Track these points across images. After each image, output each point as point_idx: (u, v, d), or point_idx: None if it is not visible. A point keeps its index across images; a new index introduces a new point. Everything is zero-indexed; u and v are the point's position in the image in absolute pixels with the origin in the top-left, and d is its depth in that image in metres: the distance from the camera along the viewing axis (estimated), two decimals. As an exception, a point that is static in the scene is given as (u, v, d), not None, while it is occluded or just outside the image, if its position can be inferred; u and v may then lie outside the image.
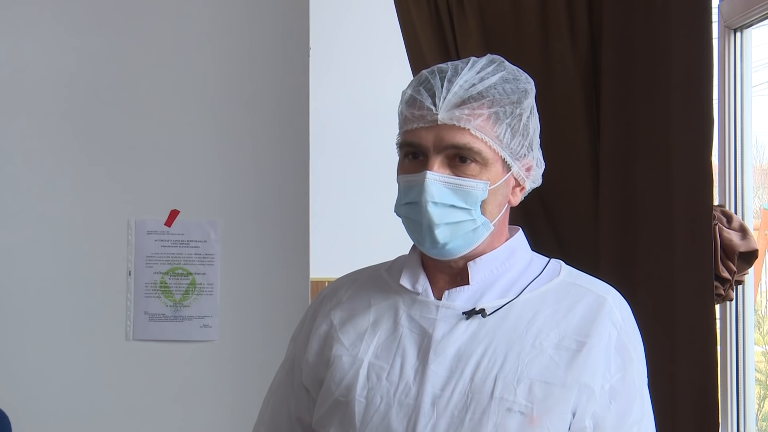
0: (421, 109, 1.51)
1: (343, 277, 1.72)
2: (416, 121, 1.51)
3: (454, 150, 1.49)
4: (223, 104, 2.75)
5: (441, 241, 1.51)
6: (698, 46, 2.19)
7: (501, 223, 1.57)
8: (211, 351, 2.72)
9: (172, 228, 2.72)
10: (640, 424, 1.54)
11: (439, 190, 1.49)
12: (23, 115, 2.71)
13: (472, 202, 1.50)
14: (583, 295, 1.57)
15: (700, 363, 2.18)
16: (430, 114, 1.50)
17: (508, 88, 1.53)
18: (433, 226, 1.50)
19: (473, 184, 1.50)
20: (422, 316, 1.56)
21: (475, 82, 1.51)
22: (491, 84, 1.52)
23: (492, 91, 1.51)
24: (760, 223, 3.33)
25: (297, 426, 1.65)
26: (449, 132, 1.49)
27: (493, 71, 1.54)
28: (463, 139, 1.49)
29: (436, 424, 1.48)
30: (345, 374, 1.55)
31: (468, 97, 1.50)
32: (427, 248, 1.54)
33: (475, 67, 1.54)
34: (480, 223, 1.52)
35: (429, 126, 1.50)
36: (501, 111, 1.51)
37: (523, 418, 1.47)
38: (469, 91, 1.50)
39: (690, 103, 2.19)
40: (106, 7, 2.72)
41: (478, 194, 1.51)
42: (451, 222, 1.50)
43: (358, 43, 4.12)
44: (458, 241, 1.52)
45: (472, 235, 1.53)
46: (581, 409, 1.49)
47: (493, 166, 1.52)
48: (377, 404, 1.51)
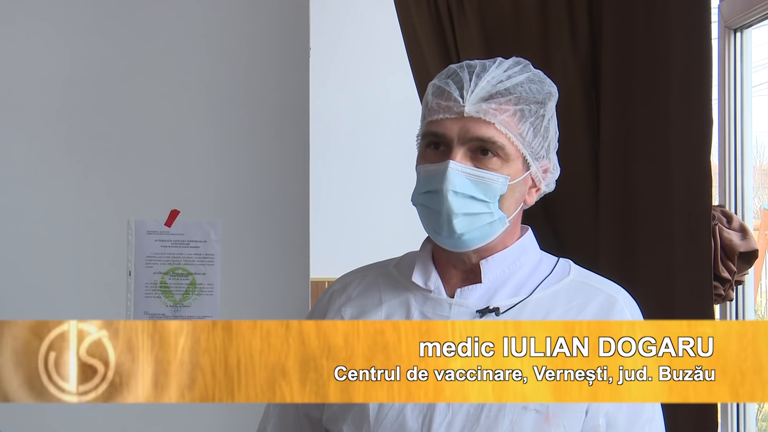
0: (449, 100, 1.53)
1: (351, 273, 1.72)
2: (443, 111, 1.53)
3: (478, 142, 1.51)
4: (223, 104, 2.75)
5: (458, 231, 1.52)
6: (698, 46, 2.19)
7: (515, 221, 1.58)
8: (211, 351, 2.72)
9: (172, 228, 2.72)
10: (651, 422, 1.55)
11: (461, 180, 1.50)
12: (23, 115, 2.71)
13: (491, 195, 1.52)
14: (594, 294, 1.57)
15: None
16: (457, 105, 1.51)
17: (534, 88, 1.55)
18: (452, 216, 1.51)
19: (494, 177, 1.51)
20: (435, 314, 1.56)
21: (502, 79, 1.54)
22: (518, 82, 1.54)
23: (519, 88, 1.53)
24: (760, 223, 3.33)
25: (305, 423, 1.65)
26: (475, 124, 1.51)
27: (519, 71, 1.56)
28: (488, 132, 1.50)
29: (452, 422, 1.48)
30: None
31: (495, 92, 1.52)
32: (444, 237, 1.54)
33: (502, 65, 1.56)
34: (497, 218, 1.53)
35: (455, 117, 1.51)
36: (526, 109, 1.53)
37: (538, 416, 1.47)
38: (497, 86, 1.52)
39: (689, 103, 2.19)
40: (106, 7, 2.72)
41: (498, 188, 1.52)
42: (469, 213, 1.51)
43: (358, 43, 4.12)
44: (474, 233, 1.53)
45: (488, 229, 1.53)
46: (594, 408, 1.50)
47: (514, 163, 1.53)
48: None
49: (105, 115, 2.72)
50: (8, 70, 2.71)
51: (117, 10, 2.73)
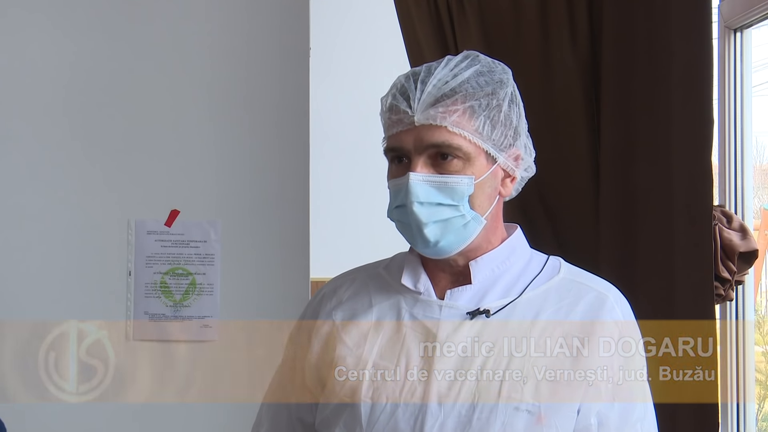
0: (398, 113, 1.53)
1: (340, 276, 1.72)
2: (396, 125, 1.54)
3: (434, 149, 1.51)
4: (223, 104, 2.75)
5: (432, 239, 1.52)
6: (698, 46, 2.19)
7: (493, 216, 1.57)
8: (211, 351, 2.72)
9: (172, 228, 2.72)
10: (643, 420, 1.55)
11: (424, 189, 1.50)
12: (23, 115, 2.70)
13: (458, 198, 1.51)
14: (584, 292, 1.57)
15: (701, 363, 2.17)
16: (407, 117, 1.52)
17: (482, 80, 1.54)
18: (422, 226, 1.51)
19: (457, 180, 1.51)
20: (425, 316, 1.56)
21: (448, 80, 1.53)
22: (464, 79, 1.53)
23: (465, 85, 1.52)
24: (760, 223, 3.33)
25: (298, 426, 1.65)
26: (427, 132, 1.51)
27: (466, 66, 1.55)
28: (441, 136, 1.50)
29: (444, 423, 1.48)
30: (349, 375, 1.55)
31: (441, 95, 1.51)
32: (421, 248, 1.55)
33: (449, 65, 1.55)
34: (470, 218, 1.53)
35: (408, 129, 1.52)
36: (476, 104, 1.52)
37: (530, 416, 1.47)
38: (442, 89, 1.52)
39: (690, 103, 2.19)
40: (106, 8, 2.72)
41: (464, 189, 1.51)
42: (439, 220, 1.51)
43: (358, 43, 4.11)
44: (449, 238, 1.52)
45: (463, 231, 1.53)
46: (586, 407, 1.50)
47: (477, 160, 1.52)
48: (383, 404, 1.52)
49: (105, 115, 2.72)
50: (8, 71, 2.71)
51: (116, 10, 2.73)
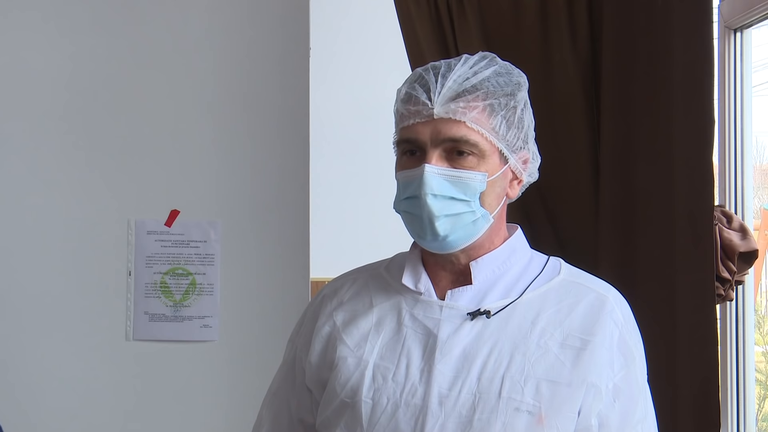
0: (417, 104, 1.52)
1: (341, 276, 1.71)
2: (413, 117, 1.52)
3: (451, 143, 1.51)
4: (223, 104, 2.75)
5: (442, 233, 1.51)
6: (699, 46, 2.19)
7: (499, 216, 1.58)
8: (211, 351, 2.72)
9: (172, 228, 2.72)
10: (643, 422, 1.55)
11: (438, 182, 1.50)
12: (23, 115, 2.71)
13: (471, 194, 1.51)
14: (584, 293, 1.57)
15: (701, 363, 2.17)
16: (426, 109, 1.51)
17: (502, 81, 1.54)
18: (434, 218, 1.50)
19: (471, 175, 1.51)
20: (426, 316, 1.56)
21: (468, 76, 1.53)
22: (485, 77, 1.53)
23: (486, 83, 1.53)
24: (760, 223, 3.33)
25: (299, 427, 1.65)
26: (446, 125, 1.50)
27: (485, 65, 1.55)
28: (460, 131, 1.50)
29: (444, 424, 1.48)
30: (350, 375, 1.55)
31: (462, 91, 1.51)
32: (428, 241, 1.54)
33: (468, 62, 1.56)
34: (479, 215, 1.53)
35: (425, 121, 1.51)
36: (495, 103, 1.52)
37: (531, 417, 1.47)
38: (463, 84, 1.52)
39: (690, 103, 2.19)
40: (106, 8, 2.72)
41: (477, 186, 1.51)
42: (450, 214, 1.51)
43: (358, 43, 4.12)
44: (458, 233, 1.52)
45: (471, 227, 1.53)
46: (586, 408, 1.50)
47: (491, 158, 1.53)
48: (384, 405, 1.51)
49: (105, 116, 2.72)
50: (8, 71, 2.71)
51: (117, 10, 2.73)
